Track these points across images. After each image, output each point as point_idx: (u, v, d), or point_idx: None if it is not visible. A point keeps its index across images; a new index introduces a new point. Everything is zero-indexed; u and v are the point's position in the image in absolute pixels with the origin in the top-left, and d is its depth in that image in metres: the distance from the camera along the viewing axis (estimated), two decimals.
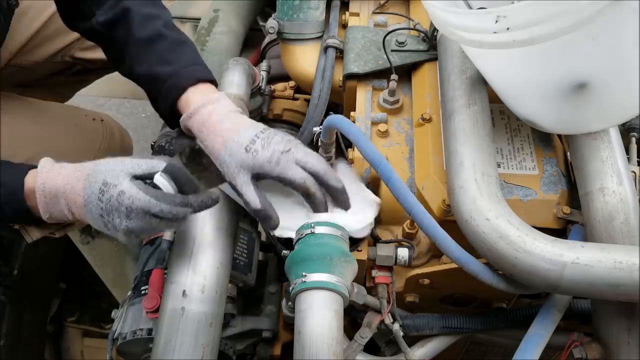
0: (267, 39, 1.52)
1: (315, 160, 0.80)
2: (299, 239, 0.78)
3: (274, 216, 0.80)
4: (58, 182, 0.77)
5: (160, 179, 0.75)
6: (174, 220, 0.76)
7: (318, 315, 0.69)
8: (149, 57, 0.89)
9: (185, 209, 0.75)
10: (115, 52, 0.94)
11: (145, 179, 0.76)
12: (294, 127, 1.33)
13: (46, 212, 0.79)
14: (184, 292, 0.78)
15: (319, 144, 0.99)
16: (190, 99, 0.85)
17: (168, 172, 0.75)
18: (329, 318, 0.69)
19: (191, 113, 0.83)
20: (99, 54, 1.32)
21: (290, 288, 0.73)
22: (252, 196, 0.78)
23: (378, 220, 0.97)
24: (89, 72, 1.39)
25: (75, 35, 1.26)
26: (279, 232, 0.82)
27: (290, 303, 0.75)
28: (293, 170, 0.78)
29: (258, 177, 0.80)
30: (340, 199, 0.83)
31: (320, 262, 0.72)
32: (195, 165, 0.77)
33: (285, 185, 0.80)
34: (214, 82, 0.90)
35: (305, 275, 0.71)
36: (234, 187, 0.81)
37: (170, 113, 0.88)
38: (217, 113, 0.82)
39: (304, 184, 0.79)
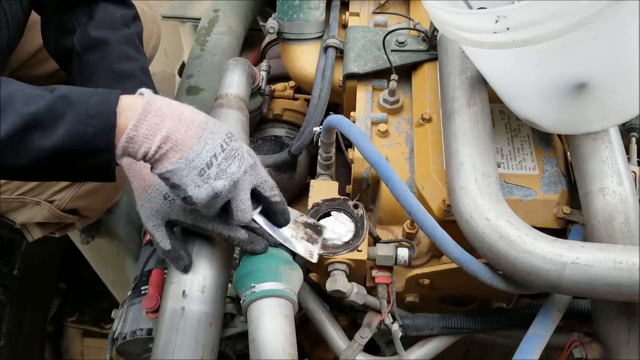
0: (267, 39, 1.52)
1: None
2: (242, 254, 0.80)
3: (185, 256, 0.78)
4: (172, 102, 0.70)
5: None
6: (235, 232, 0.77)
7: (270, 321, 0.71)
8: None
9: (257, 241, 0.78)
10: (82, 75, 0.94)
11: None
12: (294, 127, 1.33)
13: (134, 128, 0.66)
14: (184, 292, 0.78)
15: (319, 143, 0.99)
16: None
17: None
18: (281, 322, 0.72)
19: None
20: None
21: (242, 300, 0.76)
22: (160, 238, 0.77)
23: (378, 221, 0.97)
24: None
25: None
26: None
27: (242, 317, 0.78)
28: (203, 221, 0.77)
29: (175, 224, 0.79)
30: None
31: (266, 272, 0.76)
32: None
33: (201, 232, 0.79)
34: None
35: (254, 286, 0.74)
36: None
37: None
38: None
39: (213, 230, 0.78)
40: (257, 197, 0.76)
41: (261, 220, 0.78)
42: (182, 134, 0.67)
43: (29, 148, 0.64)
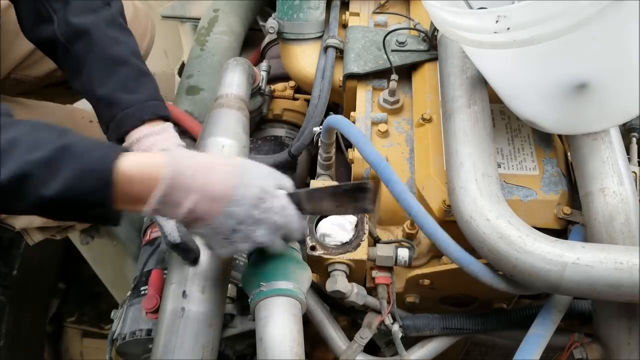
0: (267, 39, 1.52)
1: None
2: (252, 252, 0.80)
3: (195, 248, 0.78)
4: (199, 164, 0.70)
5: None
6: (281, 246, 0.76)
7: (278, 321, 0.71)
8: (111, 80, 0.87)
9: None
10: (72, 66, 0.92)
11: None
12: (294, 127, 1.33)
13: (163, 199, 0.66)
14: (184, 292, 0.77)
15: (319, 144, 0.99)
16: (143, 133, 0.84)
17: (293, 197, 0.75)
18: (289, 322, 0.71)
19: (130, 146, 0.83)
20: None
21: (250, 299, 0.75)
22: (170, 230, 0.77)
23: (378, 221, 0.97)
24: None
25: None
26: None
27: (250, 315, 0.78)
28: None
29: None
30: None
31: (275, 271, 0.75)
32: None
33: None
34: (170, 119, 0.89)
35: (263, 285, 0.74)
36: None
37: (118, 139, 0.86)
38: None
39: None
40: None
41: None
42: (207, 207, 0.68)
43: (29, 195, 0.64)
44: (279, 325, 0.71)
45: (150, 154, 0.71)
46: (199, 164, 0.70)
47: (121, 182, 0.65)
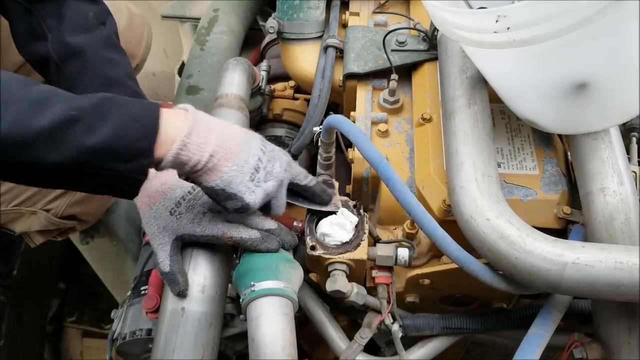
0: (267, 39, 1.52)
1: (238, 216, 0.79)
2: (243, 252, 0.80)
3: (181, 282, 0.76)
4: (210, 116, 0.73)
5: None
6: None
7: (270, 321, 0.71)
8: None
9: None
10: (64, 85, 0.90)
11: None
12: (294, 126, 1.33)
13: (188, 136, 0.67)
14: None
15: (319, 143, 0.99)
16: None
17: None
18: (281, 322, 0.71)
19: None
20: None
21: (241, 299, 0.75)
22: (162, 258, 0.77)
23: (378, 221, 0.97)
24: None
25: None
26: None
27: (242, 316, 0.77)
28: (213, 229, 0.77)
29: (183, 240, 0.78)
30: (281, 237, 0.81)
31: (266, 270, 0.75)
32: None
33: (212, 242, 0.79)
34: None
35: (254, 285, 0.74)
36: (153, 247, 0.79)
37: None
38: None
39: (221, 236, 0.77)
40: (292, 187, 0.80)
41: (299, 202, 0.84)
42: (230, 142, 0.70)
43: (70, 144, 0.62)
44: (271, 325, 0.71)
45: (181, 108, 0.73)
46: (210, 119, 0.72)
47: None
